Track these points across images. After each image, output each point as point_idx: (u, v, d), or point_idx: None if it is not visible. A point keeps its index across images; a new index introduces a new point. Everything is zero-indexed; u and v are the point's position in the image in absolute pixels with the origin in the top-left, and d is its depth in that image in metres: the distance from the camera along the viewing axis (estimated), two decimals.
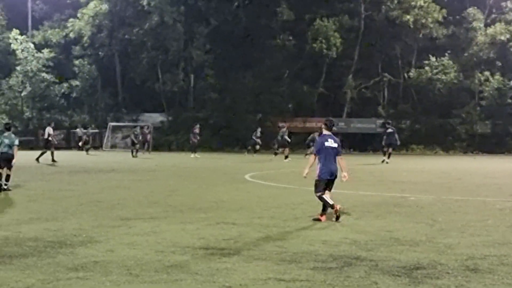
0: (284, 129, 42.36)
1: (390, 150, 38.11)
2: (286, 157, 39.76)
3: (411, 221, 13.06)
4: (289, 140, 41.82)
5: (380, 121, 60.96)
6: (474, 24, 62.58)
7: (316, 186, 13.32)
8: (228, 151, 56.45)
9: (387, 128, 38.55)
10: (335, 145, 13.38)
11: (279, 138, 41.86)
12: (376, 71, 63.76)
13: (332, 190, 13.43)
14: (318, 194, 13.16)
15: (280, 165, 34.09)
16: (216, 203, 16.02)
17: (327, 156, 13.24)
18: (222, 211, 14.47)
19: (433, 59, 61.13)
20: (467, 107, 61.53)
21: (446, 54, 62.11)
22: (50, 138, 36.02)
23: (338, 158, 13.43)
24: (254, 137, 48.94)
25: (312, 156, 13.58)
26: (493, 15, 64.50)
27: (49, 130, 36.42)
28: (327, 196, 13.13)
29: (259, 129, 50.13)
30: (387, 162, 36.59)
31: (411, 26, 61.11)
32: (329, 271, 8.31)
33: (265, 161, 39.53)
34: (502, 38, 60.43)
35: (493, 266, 8.70)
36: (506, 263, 8.90)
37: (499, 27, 61.00)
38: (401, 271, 8.32)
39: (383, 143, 38.51)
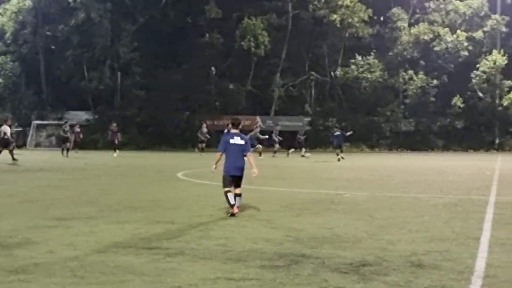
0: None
1: (338, 151, 39.37)
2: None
3: (350, 218, 13.11)
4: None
5: (307, 119, 61.64)
6: (399, 23, 63.81)
7: (223, 181, 13.55)
8: (156, 150, 55.96)
9: (335, 131, 40.17)
10: (242, 142, 13.59)
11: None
12: (303, 70, 64.29)
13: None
14: (224, 190, 13.39)
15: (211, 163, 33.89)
16: (152, 202, 15.80)
17: (232, 153, 13.50)
18: (159, 210, 14.26)
19: (359, 58, 62.07)
20: (392, 105, 62.66)
21: (372, 53, 63.17)
22: (6, 137, 34.90)
23: (247, 155, 13.71)
24: (200, 134, 48.71)
25: (218, 154, 13.82)
26: (417, 15, 65.86)
27: (5, 128, 35.37)
28: (231, 194, 13.30)
29: (204, 125, 50.02)
30: (342, 158, 38.02)
31: (338, 26, 61.86)
32: (277, 269, 8.23)
33: (195, 158, 39.36)
34: (426, 37, 61.78)
35: (437, 261, 8.75)
36: (448, 258, 8.97)
37: (422, 27, 62.35)
38: (348, 268, 8.29)
39: (333, 145, 40.46)
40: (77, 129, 49.28)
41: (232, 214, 13.13)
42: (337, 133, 40.02)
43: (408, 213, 13.84)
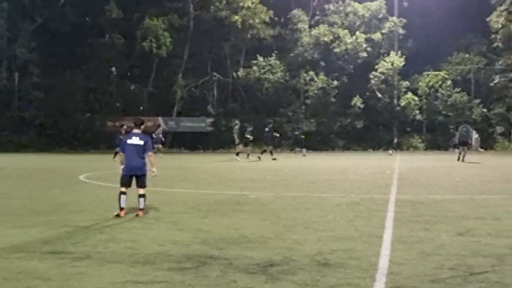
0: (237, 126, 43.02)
1: (265, 148, 41.83)
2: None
3: (256, 218, 13.23)
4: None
5: (210, 120, 61.71)
6: (299, 25, 64.58)
7: (120, 180, 13.86)
8: (56, 152, 54.87)
9: (265, 127, 42.55)
10: (141, 142, 13.79)
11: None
12: (205, 71, 64.27)
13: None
14: (120, 189, 13.64)
15: (114, 165, 33.51)
16: (55, 205, 15.52)
17: (130, 153, 13.76)
18: (63, 213, 14.03)
19: (260, 59, 62.50)
20: (293, 106, 63.37)
21: (273, 54, 63.65)
22: None
23: (148, 155, 13.92)
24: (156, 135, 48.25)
25: (121, 154, 14.21)
26: (317, 17, 66.82)
27: None
28: (124, 197, 13.52)
29: (160, 129, 49.50)
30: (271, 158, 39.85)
31: (239, 27, 62.06)
32: (186, 271, 8.24)
33: (97, 161, 38.84)
34: (326, 39, 62.70)
35: (342, 260, 8.94)
36: (353, 257, 9.18)
37: (322, 28, 63.30)
38: (256, 269, 8.38)
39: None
40: None
41: (118, 215, 13.32)
42: (266, 129, 41.81)
43: (313, 213, 14.07)
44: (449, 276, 8.01)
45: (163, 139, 49.13)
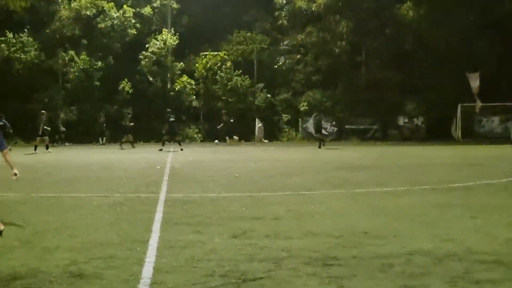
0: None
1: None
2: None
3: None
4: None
5: None
6: None
7: None
8: None
9: (169, 118, 44.94)
10: None
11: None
12: None
13: None
14: None
15: None
16: None
17: None
18: None
19: (10, 35, 60.43)
20: (51, 90, 61.82)
21: (25, 30, 61.80)
22: None
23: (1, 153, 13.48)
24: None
25: None
26: None
27: None
28: None
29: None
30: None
31: None
32: None
33: None
34: (88, 13, 61.86)
35: (99, 269, 8.92)
36: (113, 266, 9.18)
37: (84, 0, 62.31)
38: None
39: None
40: None
41: None
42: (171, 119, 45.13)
43: (69, 216, 13.93)
44: (220, 283, 8.23)
45: None
